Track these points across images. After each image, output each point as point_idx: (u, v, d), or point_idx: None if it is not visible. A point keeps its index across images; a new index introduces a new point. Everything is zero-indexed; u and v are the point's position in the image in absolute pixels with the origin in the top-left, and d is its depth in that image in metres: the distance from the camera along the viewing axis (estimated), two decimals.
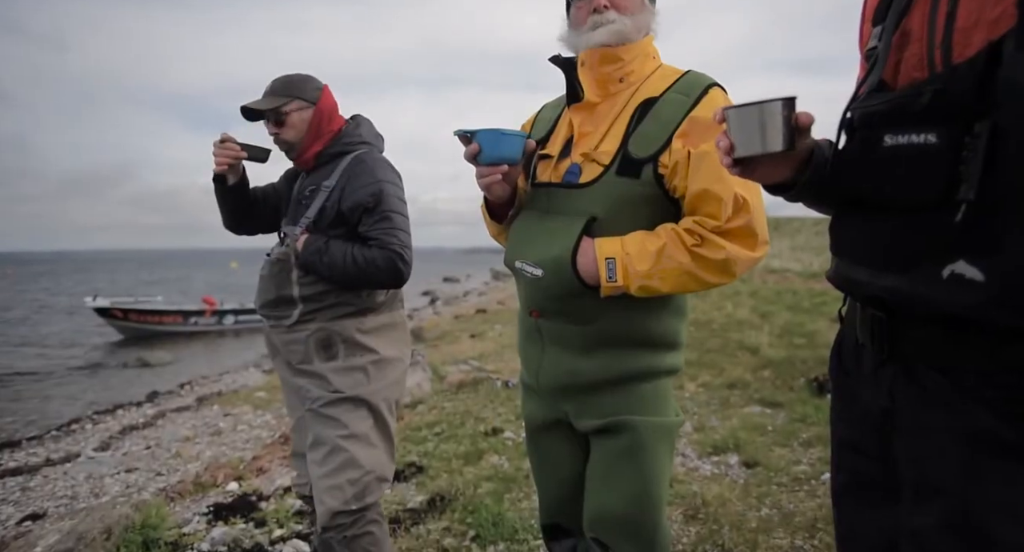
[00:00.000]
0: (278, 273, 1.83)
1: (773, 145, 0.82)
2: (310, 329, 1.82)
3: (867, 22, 0.93)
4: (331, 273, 1.79)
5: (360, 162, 1.85)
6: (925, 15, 0.76)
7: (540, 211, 1.34)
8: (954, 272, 0.69)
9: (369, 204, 1.79)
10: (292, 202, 1.93)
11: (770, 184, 0.96)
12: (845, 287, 0.89)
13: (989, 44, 0.66)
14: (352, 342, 1.83)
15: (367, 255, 1.79)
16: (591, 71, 1.29)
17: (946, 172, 0.69)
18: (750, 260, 1.21)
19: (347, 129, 1.91)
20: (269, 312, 1.88)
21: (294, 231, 1.84)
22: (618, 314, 1.27)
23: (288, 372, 1.90)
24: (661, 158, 1.21)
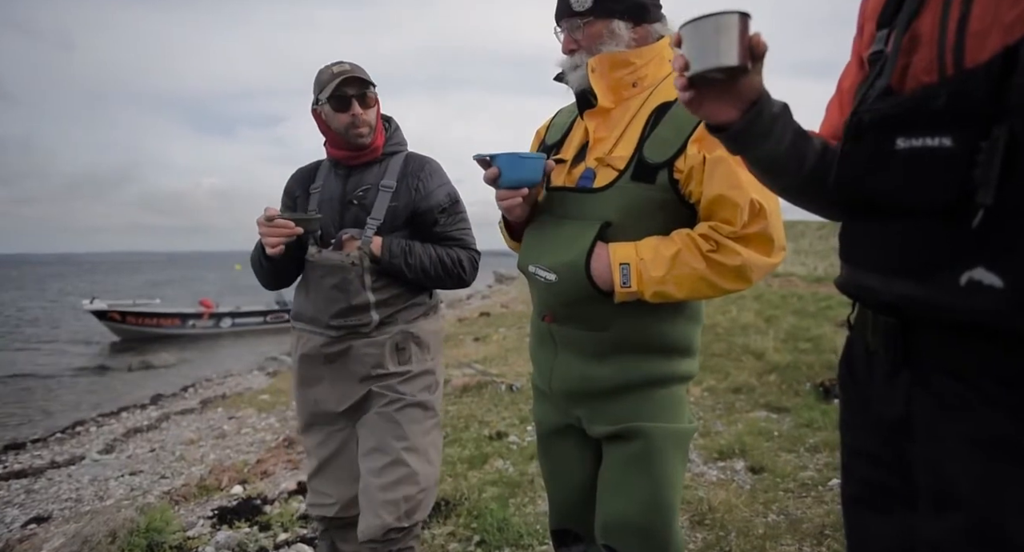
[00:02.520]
0: (353, 280, 1.74)
1: (727, 59, 0.80)
2: (390, 333, 1.78)
3: (869, 21, 0.91)
4: (415, 275, 1.76)
5: (425, 162, 1.85)
6: (936, 18, 0.75)
7: (554, 216, 1.33)
8: (972, 279, 0.68)
9: (446, 204, 1.81)
10: (337, 204, 1.81)
11: (714, 123, 0.91)
12: (856, 294, 0.88)
13: (1005, 48, 0.65)
14: (421, 344, 1.82)
15: (452, 255, 1.80)
16: (603, 77, 1.28)
17: (962, 176, 0.68)
18: (767, 266, 1.20)
19: (391, 129, 1.89)
20: (342, 322, 1.76)
21: (364, 234, 1.75)
22: (632, 320, 1.26)
23: (346, 383, 1.79)
24: (676, 163, 1.20)
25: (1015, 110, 0.64)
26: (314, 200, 1.85)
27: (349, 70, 1.72)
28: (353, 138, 1.75)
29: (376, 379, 1.78)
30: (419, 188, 1.79)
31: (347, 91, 1.71)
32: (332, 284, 1.75)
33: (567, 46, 1.31)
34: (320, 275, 1.77)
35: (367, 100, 1.74)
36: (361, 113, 1.73)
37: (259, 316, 17.88)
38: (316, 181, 1.89)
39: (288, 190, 1.94)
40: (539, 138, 1.52)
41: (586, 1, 1.25)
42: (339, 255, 1.75)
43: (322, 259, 1.76)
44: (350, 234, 1.76)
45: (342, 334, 1.77)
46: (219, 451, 5.11)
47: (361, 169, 1.83)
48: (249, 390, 8.22)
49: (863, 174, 0.81)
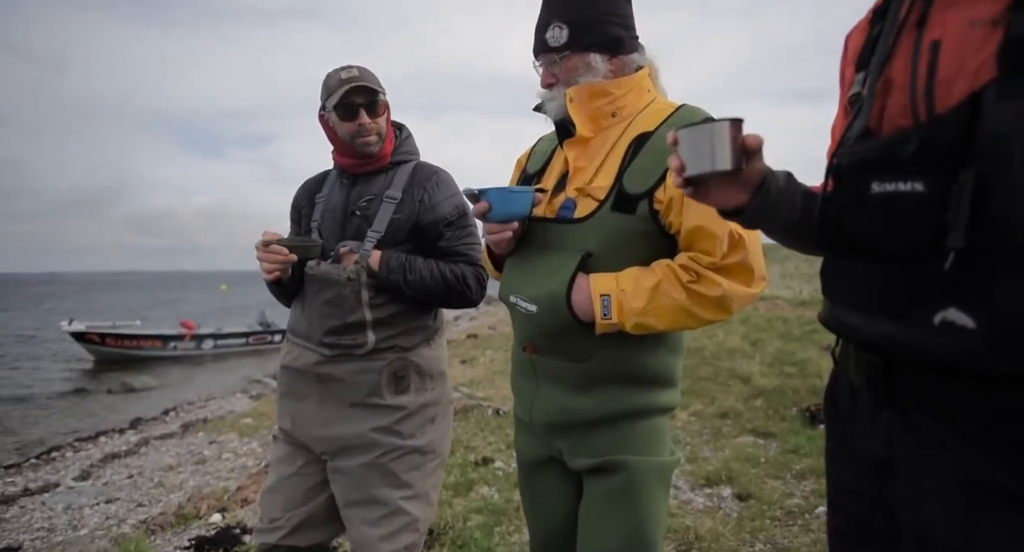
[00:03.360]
0: (348, 295, 1.64)
1: (721, 164, 0.84)
2: (388, 358, 1.66)
3: (849, 65, 0.94)
4: (415, 292, 1.65)
5: (433, 172, 1.75)
6: (907, 64, 0.77)
7: (535, 246, 1.33)
8: (945, 319, 0.69)
9: (453, 217, 1.71)
10: (339, 214, 1.73)
11: (723, 208, 0.96)
12: (838, 331, 0.89)
13: (971, 94, 0.67)
14: (422, 372, 1.71)
15: (456, 272, 1.68)
16: (581, 107, 1.29)
17: (934, 220, 0.69)
18: (747, 296, 1.20)
19: (401, 136, 1.80)
20: (335, 340, 1.66)
21: (363, 247, 1.66)
22: (613, 351, 1.25)
23: (335, 407, 1.68)
24: (656, 194, 1.20)
25: (981, 155, 0.65)
26: (318, 210, 1.78)
27: (358, 77, 1.64)
28: (360, 147, 1.68)
29: (369, 410, 1.66)
30: (424, 199, 1.69)
31: (354, 99, 1.64)
32: (326, 299, 1.66)
33: (546, 80, 1.33)
34: (316, 289, 1.69)
35: (376, 108, 1.67)
36: (369, 122, 1.66)
37: (241, 337, 17.66)
38: (322, 191, 1.82)
39: (295, 202, 1.87)
40: (520, 166, 1.52)
41: (561, 37, 1.27)
42: (335, 269, 1.66)
43: (318, 272, 1.68)
44: (348, 247, 1.68)
45: (335, 354, 1.66)
46: (199, 477, 5.00)
47: (367, 178, 1.74)
48: (231, 413, 8.08)
49: (842, 217, 0.83)
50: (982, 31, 0.68)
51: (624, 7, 1.30)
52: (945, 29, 0.72)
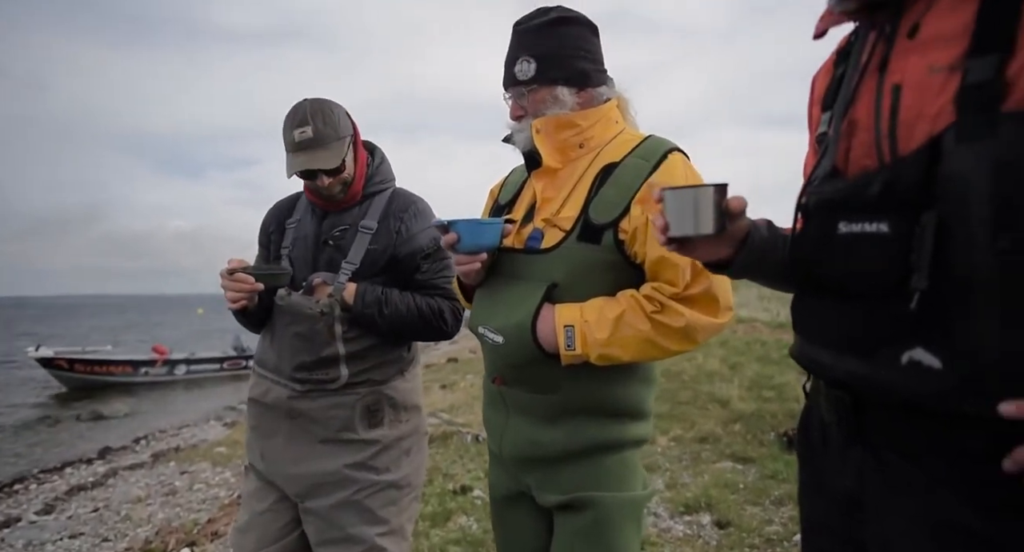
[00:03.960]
0: (321, 329, 1.58)
1: (704, 228, 0.87)
2: (361, 392, 1.61)
3: (816, 105, 0.96)
4: (391, 327, 1.60)
5: (410, 202, 1.70)
6: (870, 106, 0.79)
7: (504, 276, 1.33)
8: (912, 359, 0.70)
9: (430, 249, 1.66)
10: (311, 244, 1.67)
11: (708, 262, 0.99)
12: (809, 367, 0.89)
13: (931, 138, 0.68)
14: (396, 405, 1.66)
15: (433, 306, 1.64)
16: (548, 138, 1.30)
17: (899, 261, 0.70)
18: (712, 326, 1.20)
19: (374, 163, 1.74)
20: (306, 375, 1.60)
21: (337, 280, 1.60)
22: (581, 383, 1.24)
23: (306, 445, 1.61)
24: (621, 224, 1.21)
25: (942, 197, 0.67)
26: (289, 236, 1.71)
27: (310, 142, 1.55)
28: (324, 195, 1.64)
29: (342, 445, 1.60)
30: (401, 231, 1.65)
31: (310, 168, 1.57)
32: (298, 332, 1.59)
33: (514, 112, 1.34)
34: (286, 321, 1.61)
35: (337, 171, 1.60)
36: (329, 182, 1.60)
37: (215, 363, 17.30)
38: (294, 215, 1.75)
39: (264, 225, 1.81)
40: (492, 197, 1.53)
41: (529, 70, 1.28)
42: (307, 301, 1.59)
43: (289, 304, 1.61)
44: (321, 279, 1.62)
45: (307, 389, 1.60)
46: (168, 509, 4.85)
47: (342, 210, 1.68)
48: (204, 442, 7.89)
49: (810, 257, 0.84)
50: (940, 77, 0.69)
51: (591, 41, 1.33)
52: (905, 74, 0.74)
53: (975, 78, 0.66)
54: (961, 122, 0.66)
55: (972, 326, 0.65)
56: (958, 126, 0.66)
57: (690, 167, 1.27)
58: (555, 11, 1.29)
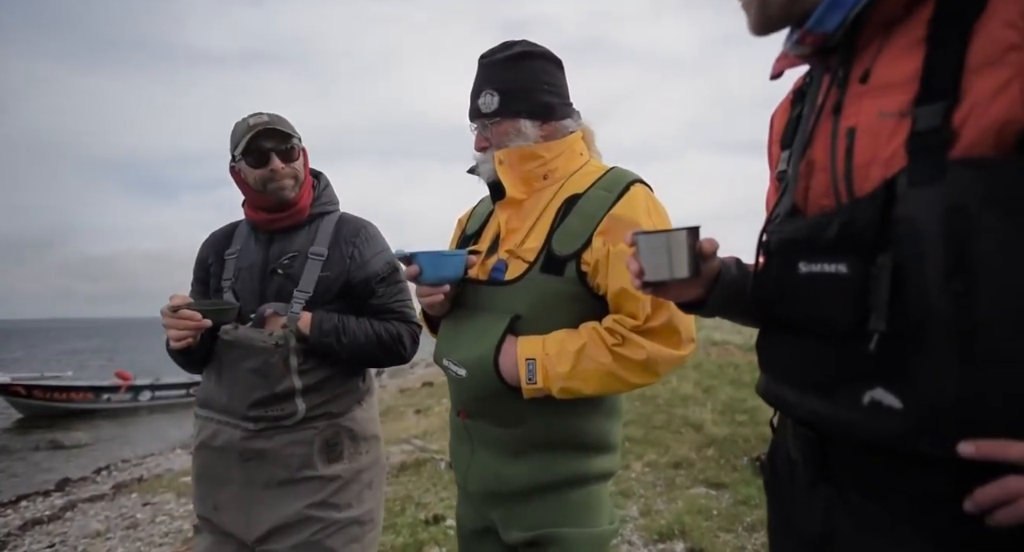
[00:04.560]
0: (276, 363, 1.51)
1: (679, 272, 0.87)
2: (319, 426, 1.55)
3: (775, 143, 0.98)
4: (350, 355, 1.56)
5: (361, 226, 1.68)
6: (827, 147, 0.80)
7: (468, 308, 1.33)
8: (873, 399, 0.70)
9: (385, 273, 1.64)
10: (257, 273, 1.60)
11: (681, 303, 0.99)
12: (775, 404, 0.90)
13: (885, 181, 0.70)
14: (355, 437, 1.61)
15: (391, 330, 1.61)
16: (512, 169, 1.31)
17: (857, 301, 0.71)
18: (673, 359, 1.21)
19: (319, 186, 1.70)
20: (261, 413, 1.51)
21: (290, 309, 1.54)
22: (546, 416, 1.23)
23: (263, 490, 1.52)
24: (583, 255, 1.22)
25: (897, 240, 0.68)
26: (230, 267, 1.64)
27: (267, 121, 1.54)
28: (275, 193, 1.56)
29: (302, 485, 1.53)
30: (355, 256, 1.61)
31: (264, 144, 1.54)
32: (251, 368, 1.52)
33: (479, 144, 1.35)
34: (236, 357, 1.54)
35: (290, 154, 1.57)
36: (282, 167, 1.55)
37: (181, 389, 16.80)
38: (232, 245, 1.67)
39: (201, 259, 1.72)
40: (460, 227, 1.53)
41: (492, 103, 1.30)
42: (260, 334, 1.52)
43: (239, 338, 1.53)
44: (274, 309, 1.56)
45: (261, 428, 1.52)
46: (128, 544, 4.66)
47: (286, 234, 1.62)
48: (169, 471, 7.63)
49: (772, 295, 0.85)
50: (891, 122, 0.71)
51: (555, 75, 1.35)
52: (859, 117, 0.76)
53: (923, 125, 0.67)
54: (912, 167, 0.67)
55: (930, 367, 0.66)
56: (910, 171, 0.68)
57: (652, 198, 1.28)
58: (519, 45, 1.32)
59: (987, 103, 0.64)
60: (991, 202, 0.63)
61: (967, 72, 0.66)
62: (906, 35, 0.73)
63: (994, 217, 0.62)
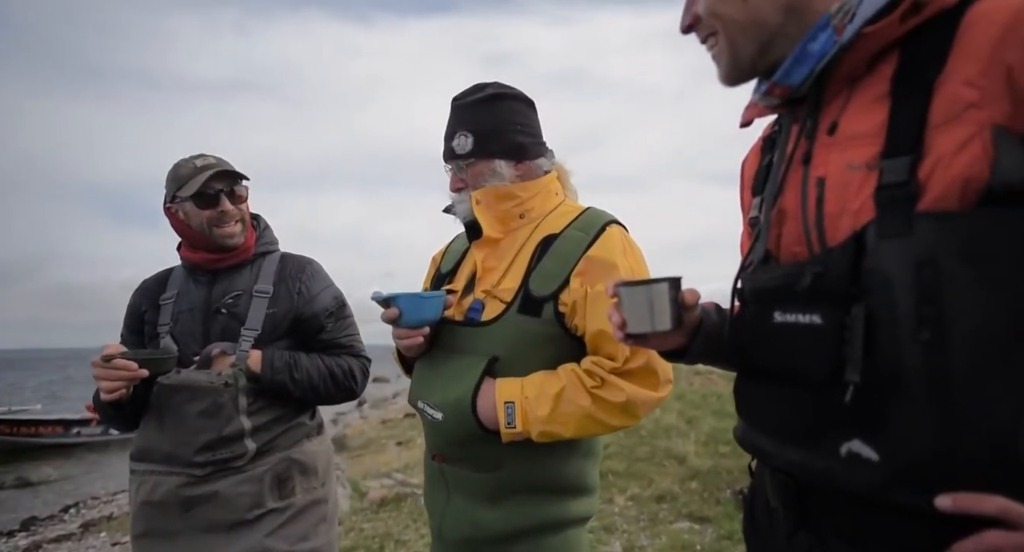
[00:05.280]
0: (226, 403, 1.46)
1: (661, 325, 0.86)
2: (269, 462, 1.50)
3: (746, 190, 0.99)
4: (302, 392, 1.53)
5: (306, 263, 1.68)
6: (797, 196, 0.81)
7: (444, 349, 1.31)
8: (851, 450, 0.70)
9: (333, 308, 1.64)
10: (200, 314, 1.57)
11: (663, 352, 0.99)
12: (753, 452, 0.89)
13: (854, 232, 0.71)
14: (307, 469, 1.57)
15: (343, 366, 1.61)
16: (488, 209, 1.31)
17: (832, 352, 0.71)
18: (652, 401, 1.20)
19: (260, 227, 1.70)
20: (210, 456, 1.45)
21: (238, 348, 1.51)
22: (524, 460, 1.22)
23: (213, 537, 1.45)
24: (561, 296, 1.21)
25: (869, 291, 0.68)
26: (167, 312, 1.58)
27: (216, 164, 1.54)
28: (220, 239, 1.54)
29: (254, 523, 1.48)
30: (302, 291, 1.60)
31: (215, 186, 1.52)
32: (199, 411, 1.45)
33: (454, 185, 1.36)
34: (182, 401, 1.46)
35: (237, 195, 1.57)
36: (232, 208, 1.54)
37: None
38: (168, 291, 1.62)
39: (133, 307, 1.66)
40: (435, 264, 1.53)
41: (467, 145, 1.31)
42: (207, 374, 1.47)
43: (185, 381, 1.47)
44: (221, 349, 1.51)
45: (209, 472, 1.45)
46: None
47: (228, 273, 1.59)
48: None
49: (747, 344, 0.85)
50: (860, 174, 0.72)
51: (527, 115, 1.36)
52: (828, 168, 0.77)
53: (890, 178, 0.69)
54: (881, 220, 0.69)
55: (905, 419, 0.66)
56: (878, 223, 0.69)
57: (628, 239, 1.29)
58: (491, 87, 1.34)
59: (951, 159, 0.65)
60: (958, 255, 0.64)
61: (930, 128, 0.67)
62: (870, 90, 0.75)
63: (962, 270, 0.64)
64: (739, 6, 0.80)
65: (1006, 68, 0.64)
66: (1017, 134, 0.64)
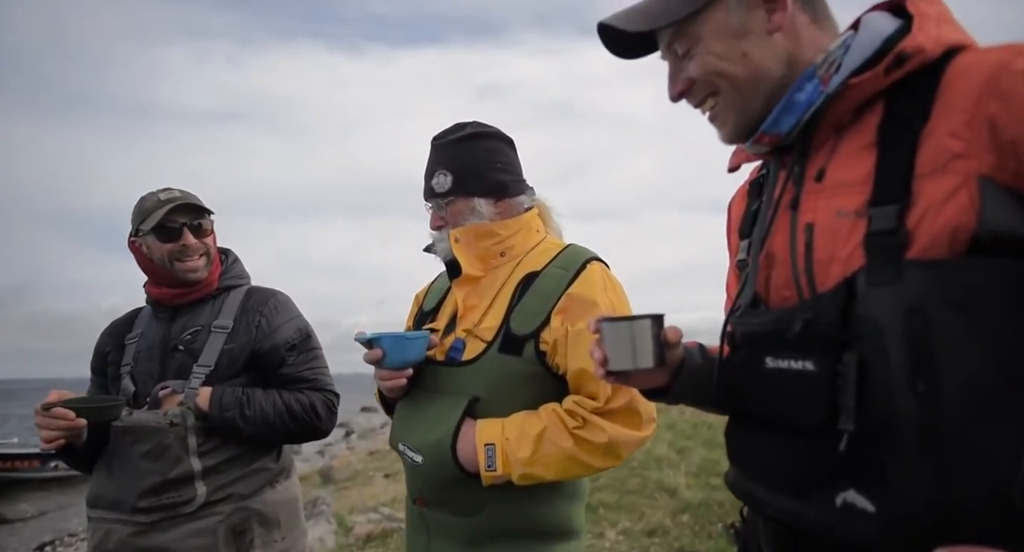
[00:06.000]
0: (171, 444, 1.38)
1: (644, 362, 0.85)
2: (223, 511, 1.41)
3: (733, 233, 0.99)
4: (255, 430, 1.44)
5: (269, 295, 1.62)
6: (786, 241, 0.81)
7: (425, 389, 1.29)
8: (846, 501, 0.69)
9: (296, 340, 1.56)
10: (157, 353, 1.52)
11: (645, 390, 0.98)
12: (745, 500, 0.88)
13: (845, 279, 0.71)
14: (268, 521, 1.47)
15: (302, 401, 1.51)
16: (468, 247, 1.31)
17: (826, 400, 0.70)
18: (635, 440, 1.19)
19: (227, 261, 1.66)
20: (154, 502, 1.36)
21: (188, 386, 1.45)
22: (506, 503, 1.19)
23: None
24: (542, 334, 1.20)
25: (860, 338, 0.68)
26: (130, 352, 1.54)
27: (180, 197, 1.51)
28: (182, 273, 1.50)
29: None
30: (262, 325, 1.53)
31: (177, 219, 1.49)
32: (143, 452, 1.38)
33: (434, 223, 1.36)
34: (127, 443, 1.40)
35: (202, 229, 1.53)
36: (195, 242, 1.50)
37: None
38: (134, 330, 1.59)
39: (98, 348, 1.62)
40: (418, 303, 1.52)
41: (446, 183, 1.32)
42: (153, 415, 1.41)
43: (132, 422, 1.40)
44: (170, 388, 1.45)
45: (155, 519, 1.37)
46: None
47: (190, 309, 1.55)
48: None
49: (739, 388, 0.84)
50: (849, 221, 0.73)
51: (507, 153, 1.37)
52: (817, 214, 0.78)
53: (879, 226, 0.69)
54: (870, 267, 0.69)
55: (900, 469, 0.65)
56: (868, 271, 0.69)
57: (609, 276, 1.29)
58: (470, 127, 1.35)
59: (939, 207, 0.66)
60: (948, 303, 0.64)
61: (917, 177, 0.68)
62: (857, 139, 0.76)
63: (952, 318, 0.64)
64: (742, 62, 0.81)
65: (989, 120, 0.65)
66: (1002, 184, 0.65)
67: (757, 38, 0.81)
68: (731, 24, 0.81)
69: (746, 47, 0.81)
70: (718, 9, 0.81)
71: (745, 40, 0.81)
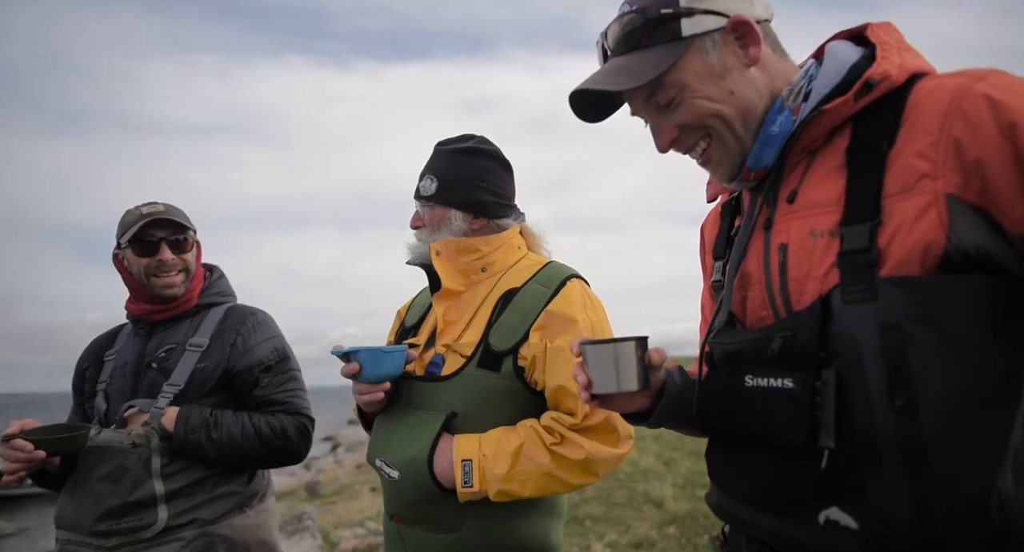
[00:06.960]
0: (133, 465, 1.34)
1: (627, 385, 0.84)
2: (185, 537, 1.36)
3: (708, 254, 1.00)
4: (222, 454, 1.39)
5: (248, 314, 1.58)
6: (760, 262, 0.83)
7: (403, 404, 1.30)
8: (829, 518, 0.70)
9: (271, 361, 1.52)
10: (131, 370, 1.49)
11: (627, 413, 0.98)
12: (728, 521, 0.88)
13: (820, 297, 0.73)
14: (235, 548, 1.41)
15: (273, 424, 1.46)
16: (448, 261, 1.32)
17: (806, 417, 0.71)
18: (613, 457, 1.19)
19: (211, 277, 1.62)
20: (111, 525, 1.32)
21: (154, 405, 1.41)
22: (484, 519, 1.19)
23: None
24: (521, 350, 1.21)
25: (838, 355, 0.70)
26: (107, 369, 1.52)
27: (162, 211, 1.49)
28: (158, 288, 1.48)
29: None
30: (237, 344, 1.50)
31: (155, 233, 1.47)
32: (102, 475, 1.34)
33: (414, 222, 1.39)
34: (89, 464, 1.36)
35: (183, 245, 1.50)
36: (171, 258, 1.47)
37: None
38: (114, 346, 1.56)
39: (79, 366, 1.60)
40: (400, 318, 1.52)
41: (431, 188, 1.34)
42: (117, 435, 1.37)
43: (96, 443, 1.37)
44: (137, 407, 1.42)
45: (114, 544, 1.32)
46: None
47: (167, 326, 1.52)
48: None
49: (718, 407, 0.85)
50: (823, 241, 0.75)
51: (498, 175, 1.37)
52: (790, 235, 0.80)
53: (851, 245, 0.71)
54: (845, 285, 0.71)
55: (881, 485, 0.66)
56: (843, 289, 0.71)
57: (588, 293, 1.30)
58: (472, 141, 1.37)
59: (910, 226, 0.68)
60: (921, 320, 0.66)
61: (886, 197, 0.71)
62: (827, 161, 0.79)
63: (925, 334, 0.66)
64: (731, 100, 0.82)
65: (955, 141, 0.68)
66: (969, 203, 0.67)
67: (738, 75, 0.82)
68: (712, 65, 0.82)
69: (730, 85, 0.82)
70: (692, 54, 0.82)
71: (728, 78, 0.82)
